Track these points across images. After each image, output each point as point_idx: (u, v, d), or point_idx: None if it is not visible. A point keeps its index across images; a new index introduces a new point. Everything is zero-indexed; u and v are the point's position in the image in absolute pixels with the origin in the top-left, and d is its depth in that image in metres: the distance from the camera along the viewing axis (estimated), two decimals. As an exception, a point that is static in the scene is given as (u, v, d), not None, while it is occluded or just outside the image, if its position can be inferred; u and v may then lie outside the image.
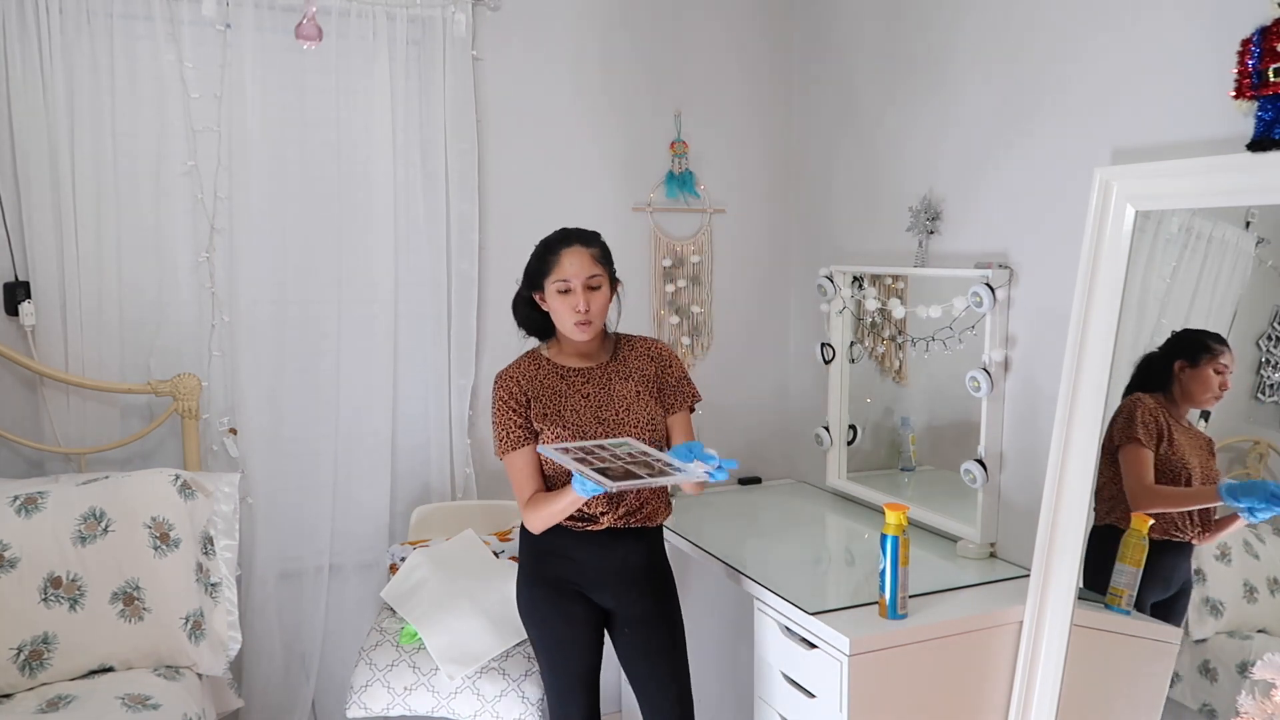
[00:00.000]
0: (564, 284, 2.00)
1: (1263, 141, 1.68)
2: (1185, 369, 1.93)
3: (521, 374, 2.08)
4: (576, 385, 2.08)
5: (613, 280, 2.08)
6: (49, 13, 2.35)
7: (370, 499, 2.77)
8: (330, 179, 2.66)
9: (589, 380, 2.08)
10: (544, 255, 2.05)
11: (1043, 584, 2.02)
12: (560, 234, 2.07)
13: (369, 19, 2.64)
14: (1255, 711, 1.55)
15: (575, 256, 2.01)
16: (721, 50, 3.10)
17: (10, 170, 2.38)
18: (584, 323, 2.01)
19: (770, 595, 2.16)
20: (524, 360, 2.12)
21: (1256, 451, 1.84)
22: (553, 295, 2.02)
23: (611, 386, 2.09)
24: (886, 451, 2.89)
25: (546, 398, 2.05)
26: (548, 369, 2.09)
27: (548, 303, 2.05)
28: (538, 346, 2.15)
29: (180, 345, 2.59)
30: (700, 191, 3.10)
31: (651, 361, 2.14)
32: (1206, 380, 1.91)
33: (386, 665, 2.33)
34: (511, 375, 2.08)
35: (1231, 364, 1.87)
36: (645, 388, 2.11)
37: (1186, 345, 1.92)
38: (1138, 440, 1.96)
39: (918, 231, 2.59)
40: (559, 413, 2.04)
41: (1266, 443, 1.81)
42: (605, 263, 2.06)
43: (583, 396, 2.06)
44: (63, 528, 2.16)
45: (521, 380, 2.07)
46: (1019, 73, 2.29)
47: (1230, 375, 1.88)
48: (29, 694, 2.05)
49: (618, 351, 2.14)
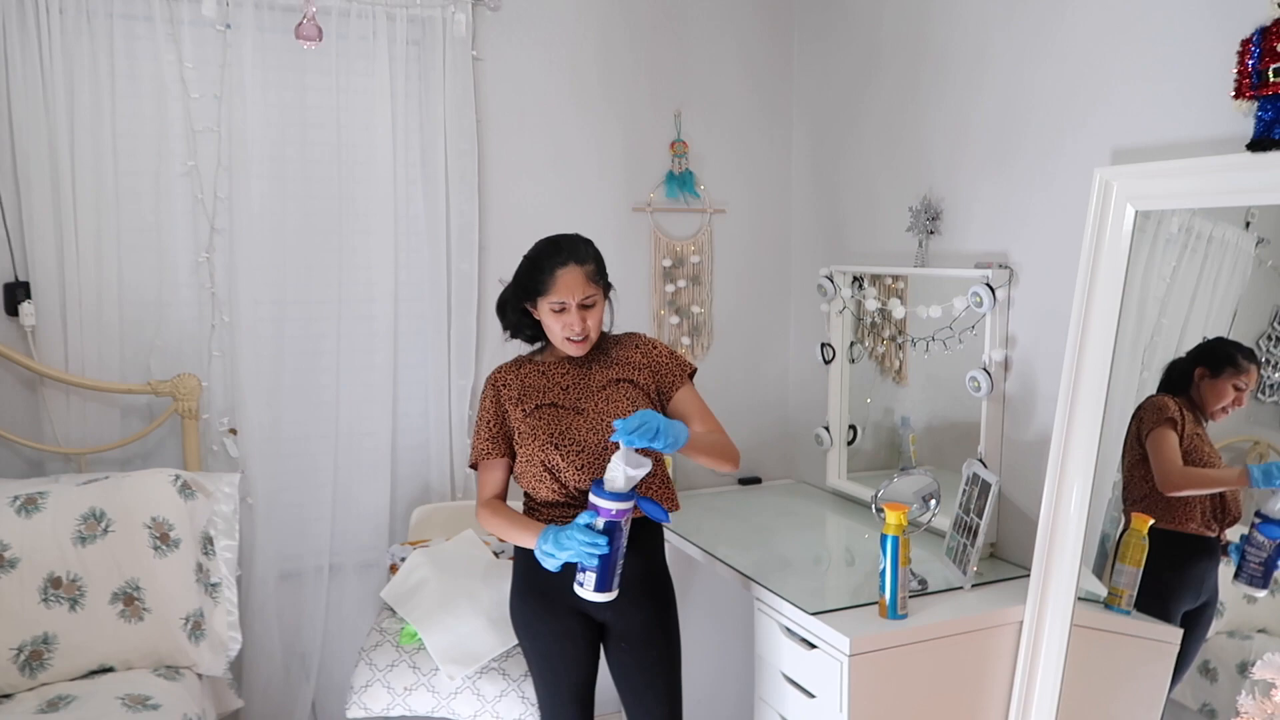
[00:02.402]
0: (558, 305, 1.95)
1: (1263, 141, 1.68)
2: (1205, 377, 1.91)
3: (504, 382, 2.06)
4: (555, 379, 2.05)
5: (606, 291, 2.03)
6: (49, 13, 2.35)
7: (370, 499, 2.77)
8: (330, 179, 2.66)
9: (567, 373, 2.05)
10: (535, 272, 1.96)
11: (1043, 584, 2.02)
12: (551, 247, 1.97)
13: (369, 19, 2.64)
14: (1255, 711, 1.55)
15: (569, 277, 1.92)
16: (721, 50, 3.10)
17: (10, 170, 2.38)
18: (579, 341, 1.98)
19: (770, 595, 2.16)
20: (510, 366, 2.09)
21: (1256, 451, 1.84)
22: (546, 312, 1.97)
23: (591, 376, 2.04)
24: (886, 451, 2.89)
25: (529, 398, 2.02)
26: (529, 369, 2.07)
27: (539, 315, 2.00)
28: (531, 352, 2.13)
29: (180, 345, 2.59)
30: (700, 191, 3.10)
31: (636, 350, 2.09)
32: (1222, 392, 1.90)
33: (386, 665, 2.33)
34: (494, 383, 2.07)
35: (1252, 383, 1.85)
36: (631, 375, 2.04)
37: (1212, 354, 1.91)
38: (1169, 421, 1.94)
39: (918, 231, 2.59)
40: (537, 408, 2.00)
41: (1266, 443, 1.81)
42: (600, 278, 2.00)
43: (562, 390, 2.03)
44: (63, 528, 2.16)
45: (504, 389, 2.05)
46: (1019, 72, 2.29)
47: (1248, 395, 1.86)
48: (29, 694, 2.05)
49: (606, 349, 2.10)
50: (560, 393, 2.02)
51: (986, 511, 2.14)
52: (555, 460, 1.96)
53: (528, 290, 1.99)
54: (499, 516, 2.00)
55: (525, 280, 1.99)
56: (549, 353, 2.09)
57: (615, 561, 1.83)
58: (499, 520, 2.00)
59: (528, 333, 2.08)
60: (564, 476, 1.97)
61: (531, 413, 2.00)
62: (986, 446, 2.36)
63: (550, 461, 1.97)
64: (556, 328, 1.97)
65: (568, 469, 1.96)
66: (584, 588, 1.84)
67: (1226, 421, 1.89)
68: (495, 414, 2.04)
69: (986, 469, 2.26)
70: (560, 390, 2.03)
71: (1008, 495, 2.35)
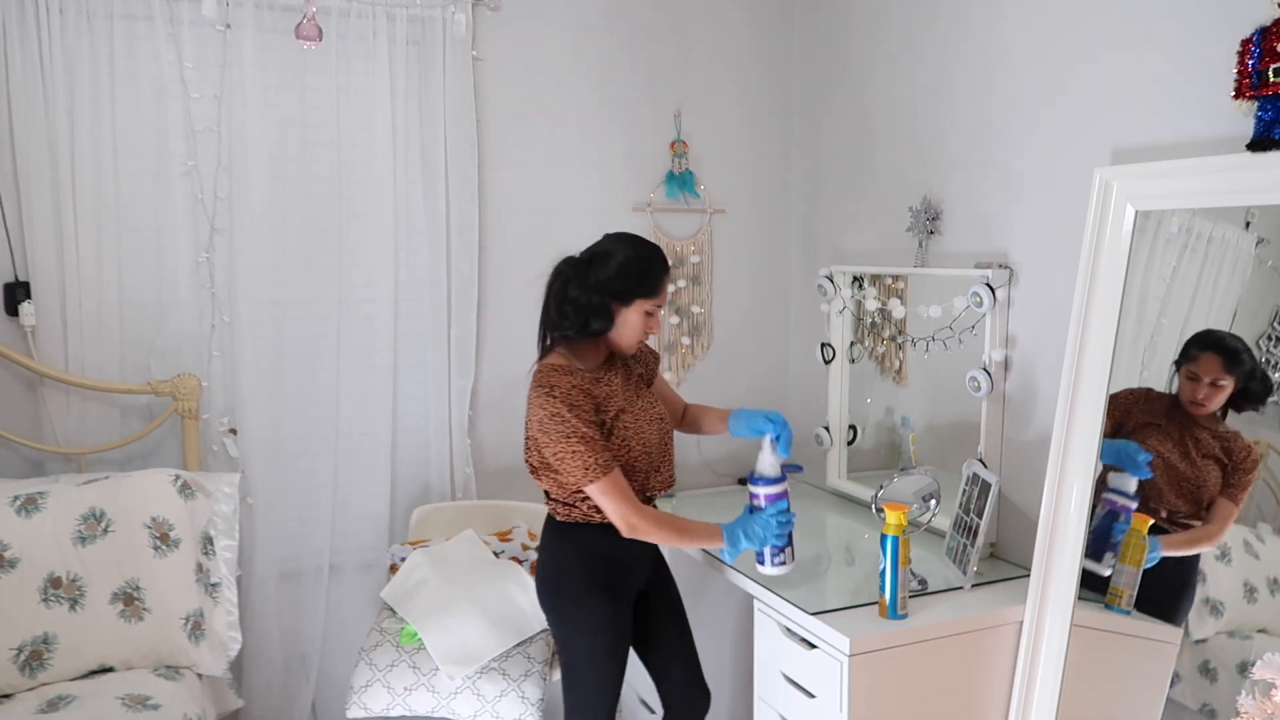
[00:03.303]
0: (655, 307, 2.06)
1: (1263, 141, 1.68)
2: (1179, 373, 1.92)
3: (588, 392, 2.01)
4: (608, 384, 2.06)
5: None
6: (49, 13, 2.35)
7: (370, 499, 2.77)
8: (330, 179, 2.66)
9: (615, 377, 2.10)
10: (648, 276, 2.03)
11: (1043, 584, 2.02)
12: (660, 255, 2.09)
13: (369, 19, 2.64)
14: (1255, 711, 1.55)
15: (668, 285, 2.13)
16: (721, 50, 3.10)
17: (10, 170, 2.38)
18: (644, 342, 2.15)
19: (770, 595, 2.16)
20: (574, 379, 2.00)
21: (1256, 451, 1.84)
22: (637, 312, 2.04)
23: (625, 376, 2.13)
24: (886, 451, 2.89)
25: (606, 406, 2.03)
26: (585, 377, 2.03)
27: (623, 314, 2.03)
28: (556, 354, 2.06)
29: (180, 345, 2.59)
30: (700, 191, 3.11)
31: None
32: (1183, 386, 1.90)
33: (386, 665, 2.33)
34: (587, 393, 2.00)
35: (1211, 371, 1.84)
36: (639, 370, 2.20)
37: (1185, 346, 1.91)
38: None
39: (918, 231, 2.59)
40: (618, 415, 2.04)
41: (1266, 443, 1.81)
42: None
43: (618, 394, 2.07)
44: (63, 528, 2.16)
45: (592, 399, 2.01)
46: (1019, 72, 2.29)
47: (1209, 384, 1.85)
48: (29, 694, 2.05)
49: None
50: (620, 398, 2.07)
51: (986, 511, 2.14)
52: (645, 464, 2.08)
53: (635, 290, 2.02)
54: (672, 525, 2.05)
55: (635, 280, 2.02)
56: (584, 359, 2.06)
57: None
58: (669, 529, 2.04)
59: (596, 326, 2.02)
60: (641, 476, 2.08)
61: (617, 418, 2.04)
62: (986, 446, 2.36)
63: (644, 466, 2.08)
64: (640, 326, 2.06)
65: (645, 467, 2.08)
66: (771, 565, 2.08)
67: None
68: (598, 424, 2.01)
69: (986, 469, 2.26)
70: (619, 395, 2.08)
71: (1008, 495, 2.35)
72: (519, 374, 2.94)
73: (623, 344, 2.08)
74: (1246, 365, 1.80)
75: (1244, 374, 1.82)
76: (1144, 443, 1.95)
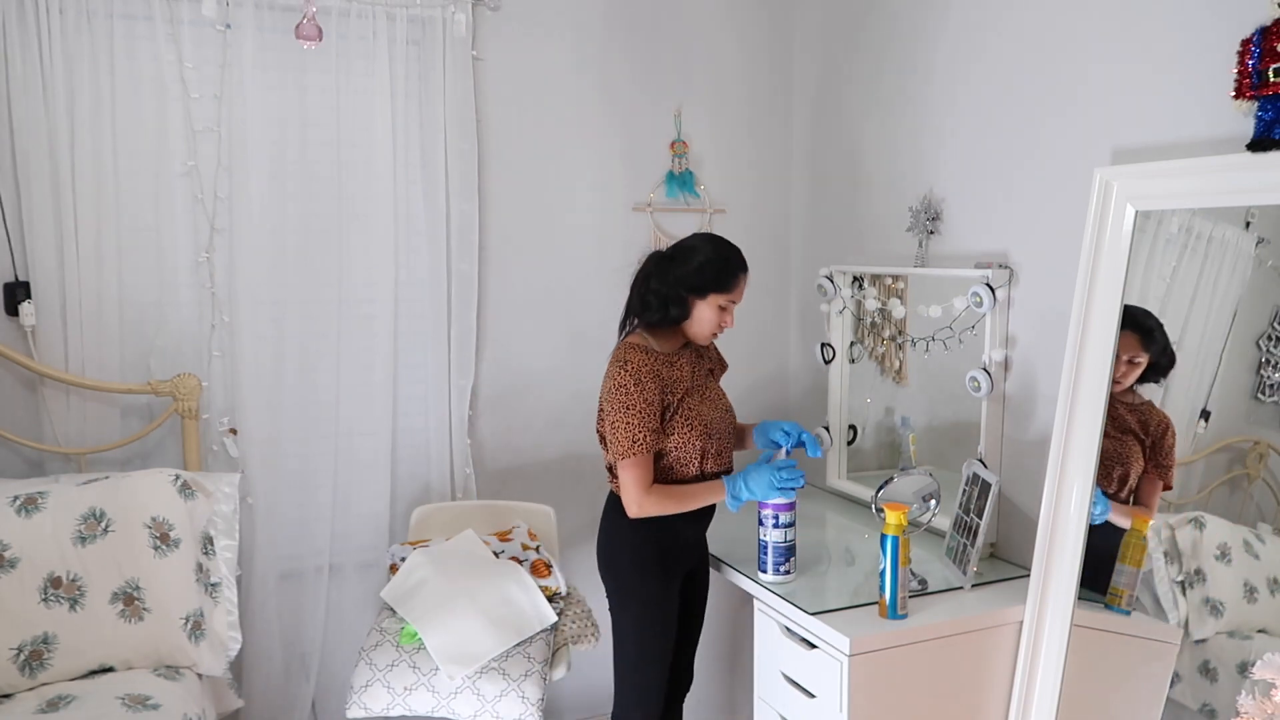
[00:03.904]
0: (729, 302, 2.18)
1: (1263, 141, 1.68)
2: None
3: (656, 372, 2.12)
4: (679, 368, 2.19)
5: None
6: (49, 13, 2.35)
7: (370, 499, 2.77)
8: (330, 179, 2.66)
9: (688, 363, 2.22)
10: (725, 273, 2.16)
11: (1043, 584, 2.02)
12: (738, 252, 2.20)
13: (369, 19, 2.64)
14: (1255, 711, 1.55)
15: (744, 282, 2.19)
16: (721, 50, 3.10)
17: (10, 170, 2.38)
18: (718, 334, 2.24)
19: (770, 595, 2.16)
20: (648, 358, 2.13)
21: (1256, 451, 1.84)
22: (711, 306, 2.16)
23: (697, 365, 2.26)
24: (886, 451, 2.89)
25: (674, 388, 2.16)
26: (659, 359, 2.16)
27: (698, 307, 2.17)
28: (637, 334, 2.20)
29: (180, 345, 2.59)
30: (700, 191, 3.10)
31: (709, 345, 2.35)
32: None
33: (386, 665, 2.33)
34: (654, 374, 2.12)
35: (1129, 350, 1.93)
36: (711, 366, 2.35)
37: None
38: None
39: (918, 231, 2.59)
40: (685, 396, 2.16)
41: (1266, 443, 1.81)
42: None
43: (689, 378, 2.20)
44: (63, 528, 2.16)
45: (660, 380, 2.13)
46: (1019, 72, 2.29)
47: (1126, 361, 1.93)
48: (29, 694, 2.05)
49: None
50: (687, 381, 2.20)
51: (986, 511, 2.14)
52: (705, 444, 2.17)
53: (712, 284, 2.15)
54: (672, 495, 2.15)
55: (713, 275, 2.15)
56: (663, 343, 2.21)
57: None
58: (671, 499, 2.14)
59: (674, 314, 2.17)
60: (707, 458, 2.19)
61: (683, 399, 2.16)
62: (986, 446, 2.36)
63: (703, 445, 2.17)
64: (715, 320, 2.19)
65: (709, 448, 2.19)
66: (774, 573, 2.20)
67: (1227, 421, 1.88)
68: (659, 405, 2.12)
69: (986, 469, 2.26)
70: (689, 379, 2.20)
71: (1008, 495, 2.35)
72: (519, 374, 2.96)
73: (697, 334, 2.21)
74: (1160, 342, 1.94)
75: (1158, 350, 1.94)
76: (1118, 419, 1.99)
